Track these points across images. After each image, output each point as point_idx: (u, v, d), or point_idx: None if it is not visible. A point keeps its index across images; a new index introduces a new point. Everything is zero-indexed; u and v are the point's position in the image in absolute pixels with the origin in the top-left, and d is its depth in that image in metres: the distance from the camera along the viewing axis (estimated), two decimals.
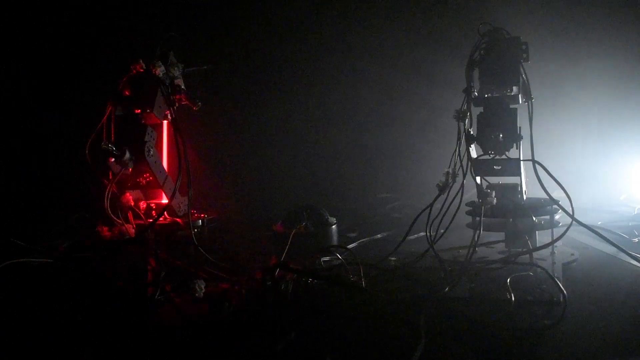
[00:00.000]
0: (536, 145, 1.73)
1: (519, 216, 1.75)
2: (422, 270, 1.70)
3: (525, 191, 1.81)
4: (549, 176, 1.69)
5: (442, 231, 1.78)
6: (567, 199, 1.66)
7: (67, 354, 1.22)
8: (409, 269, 1.73)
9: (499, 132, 1.74)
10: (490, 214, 1.75)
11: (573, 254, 1.80)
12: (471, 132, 1.77)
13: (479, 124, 1.81)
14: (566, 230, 1.67)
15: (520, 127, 1.76)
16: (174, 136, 1.85)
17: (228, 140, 3.11)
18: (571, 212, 1.65)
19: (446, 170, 1.79)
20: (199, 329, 1.33)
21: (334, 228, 2.04)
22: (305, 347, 1.18)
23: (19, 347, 1.25)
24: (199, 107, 2.01)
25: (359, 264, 1.61)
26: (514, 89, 1.79)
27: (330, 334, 1.26)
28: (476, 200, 1.77)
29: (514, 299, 1.35)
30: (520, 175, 1.78)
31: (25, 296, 1.59)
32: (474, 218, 1.77)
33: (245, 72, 3.13)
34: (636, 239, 1.99)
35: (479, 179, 1.81)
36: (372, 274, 1.67)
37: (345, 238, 2.23)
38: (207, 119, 2.46)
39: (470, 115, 1.78)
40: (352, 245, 2.15)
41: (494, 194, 1.75)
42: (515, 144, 1.76)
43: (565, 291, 1.34)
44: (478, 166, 1.78)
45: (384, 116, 3.30)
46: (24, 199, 2.67)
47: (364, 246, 2.19)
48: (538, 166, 1.71)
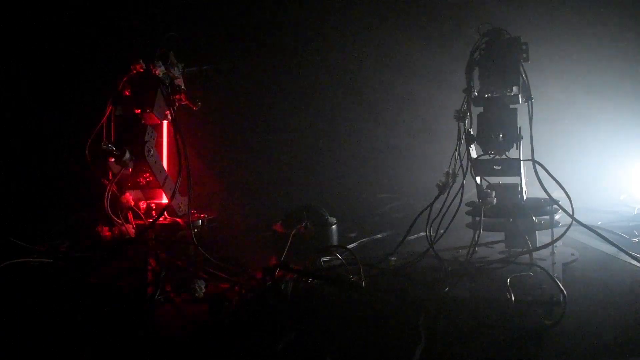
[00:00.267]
0: (536, 145, 1.73)
1: (519, 216, 1.76)
2: (422, 270, 1.70)
3: (525, 191, 1.81)
4: (549, 176, 1.69)
5: (442, 231, 1.78)
6: (567, 199, 1.66)
7: (67, 354, 1.22)
8: (409, 269, 1.73)
9: (499, 132, 1.75)
10: (490, 214, 1.75)
11: (573, 254, 1.80)
12: (471, 132, 1.77)
13: (479, 124, 1.81)
14: (566, 230, 1.67)
15: (520, 127, 1.76)
16: (174, 136, 1.85)
17: (228, 140, 3.11)
18: (571, 212, 1.65)
19: (446, 170, 1.79)
20: (199, 329, 1.33)
21: (334, 228, 2.04)
22: (305, 347, 1.18)
23: (19, 347, 1.25)
24: (199, 107, 2.01)
25: (359, 264, 1.61)
26: (514, 89, 1.79)
27: (330, 334, 1.26)
28: (476, 200, 1.77)
29: (514, 299, 1.35)
30: (520, 175, 1.78)
31: (25, 296, 1.59)
32: (474, 218, 1.77)
33: (245, 72, 3.13)
34: (636, 239, 1.99)
35: (479, 179, 1.81)
36: (372, 273, 1.67)
37: (345, 238, 2.23)
38: (207, 119, 2.46)
39: (470, 115, 1.78)
40: (352, 245, 2.15)
41: (494, 194, 1.75)
42: (515, 144, 1.76)
43: (565, 291, 1.34)
44: (478, 166, 1.78)
45: (384, 116, 3.30)
46: (24, 199, 2.67)
47: (364, 246, 2.19)
48: (538, 166, 1.71)
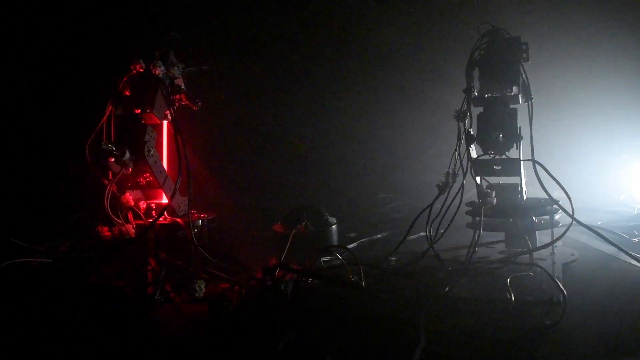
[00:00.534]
0: (536, 145, 1.73)
1: (519, 216, 1.76)
2: (422, 270, 1.70)
3: (525, 191, 1.81)
4: (549, 176, 1.69)
5: (442, 231, 1.78)
6: (567, 199, 1.66)
7: (67, 354, 1.22)
8: (409, 269, 1.73)
9: (499, 132, 1.75)
10: (490, 214, 1.75)
11: (573, 254, 1.79)
12: (471, 132, 1.77)
13: (479, 124, 1.81)
14: (566, 230, 1.67)
15: (520, 127, 1.76)
16: (174, 136, 1.85)
17: (228, 140, 3.11)
18: (571, 212, 1.65)
19: (446, 170, 1.79)
20: (199, 329, 1.33)
21: (334, 228, 2.04)
22: (305, 347, 1.18)
23: (19, 347, 1.25)
24: (199, 107, 2.01)
25: (359, 264, 1.61)
26: (514, 89, 1.79)
27: (330, 334, 1.26)
28: (476, 200, 1.77)
29: (514, 299, 1.35)
30: (520, 175, 1.78)
31: (25, 296, 1.59)
32: (474, 218, 1.77)
33: (245, 71, 3.13)
34: (636, 239, 1.99)
35: (479, 179, 1.81)
36: (372, 274, 1.67)
37: (345, 238, 2.23)
38: (207, 119, 2.46)
39: (470, 115, 1.78)
40: (352, 245, 2.15)
41: (494, 194, 1.75)
42: (515, 144, 1.76)
43: (565, 291, 1.34)
44: (478, 166, 1.78)
45: (384, 116, 3.30)
46: (24, 199, 2.67)
47: (364, 246, 2.19)
48: (538, 166, 1.71)
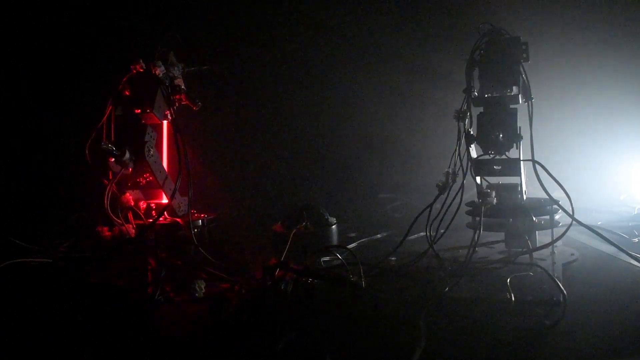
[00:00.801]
0: (536, 145, 1.73)
1: (519, 216, 1.76)
2: (422, 270, 1.70)
3: (525, 191, 1.81)
4: (549, 176, 1.69)
5: (442, 231, 1.78)
6: (567, 199, 1.66)
7: (67, 354, 1.22)
8: (409, 269, 1.73)
9: (499, 132, 1.75)
10: (490, 214, 1.75)
11: (573, 254, 1.79)
12: (471, 132, 1.77)
13: (479, 124, 1.81)
14: (566, 230, 1.67)
15: (520, 127, 1.76)
16: (174, 136, 1.85)
17: (228, 140, 3.11)
18: (571, 212, 1.65)
19: (446, 170, 1.79)
20: (199, 329, 1.33)
21: (334, 228, 2.04)
22: (305, 347, 1.18)
23: (19, 347, 1.25)
24: (199, 107, 2.01)
25: (359, 264, 1.61)
26: (514, 89, 1.79)
27: (330, 334, 1.26)
28: (476, 200, 1.77)
29: (514, 299, 1.35)
30: (520, 175, 1.78)
31: (25, 296, 1.59)
32: (474, 218, 1.77)
33: (245, 72, 3.13)
34: (636, 239, 1.99)
35: (479, 179, 1.81)
36: (372, 273, 1.67)
37: (345, 238, 2.23)
38: (207, 119, 2.46)
39: (470, 115, 1.78)
40: (352, 245, 2.14)
41: (494, 194, 1.75)
42: (515, 144, 1.76)
43: (565, 291, 1.34)
44: (478, 166, 1.78)
45: (384, 116, 3.30)
46: (24, 199, 2.67)
47: (364, 246, 2.19)
48: (538, 166, 1.71)
